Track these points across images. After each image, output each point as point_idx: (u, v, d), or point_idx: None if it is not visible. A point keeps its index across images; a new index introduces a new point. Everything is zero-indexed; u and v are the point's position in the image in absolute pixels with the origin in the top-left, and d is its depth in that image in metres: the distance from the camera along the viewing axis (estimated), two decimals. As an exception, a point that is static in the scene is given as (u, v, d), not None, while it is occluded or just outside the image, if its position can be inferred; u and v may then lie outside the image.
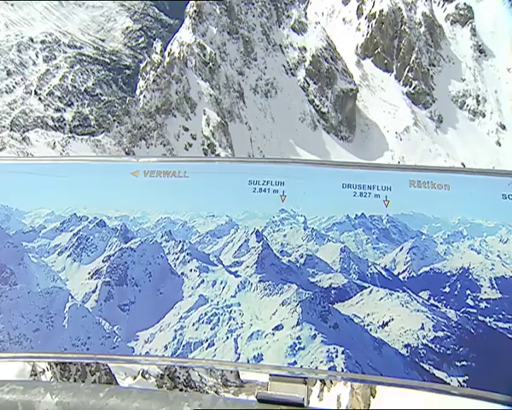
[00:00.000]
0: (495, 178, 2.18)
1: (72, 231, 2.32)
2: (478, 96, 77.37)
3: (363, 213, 2.18)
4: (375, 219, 2.18)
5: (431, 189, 2.16)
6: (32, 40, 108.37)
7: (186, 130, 50.68)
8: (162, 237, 2.25)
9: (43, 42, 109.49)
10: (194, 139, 50.38)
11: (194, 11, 59.72)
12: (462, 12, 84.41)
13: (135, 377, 15.59)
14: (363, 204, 2.18)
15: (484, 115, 76.09)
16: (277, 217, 2.21)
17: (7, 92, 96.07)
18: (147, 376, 15.73)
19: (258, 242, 2.18)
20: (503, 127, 74.66)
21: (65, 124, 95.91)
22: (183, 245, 2.22)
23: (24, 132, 41.10)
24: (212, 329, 2.08)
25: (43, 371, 11.81)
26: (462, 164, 64.96)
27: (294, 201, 2.21)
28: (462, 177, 2.23)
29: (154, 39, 69.84)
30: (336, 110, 66.54)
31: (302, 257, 2.16)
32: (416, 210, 2.17)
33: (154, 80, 51.07)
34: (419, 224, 2.17)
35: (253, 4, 68.60)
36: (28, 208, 2.35)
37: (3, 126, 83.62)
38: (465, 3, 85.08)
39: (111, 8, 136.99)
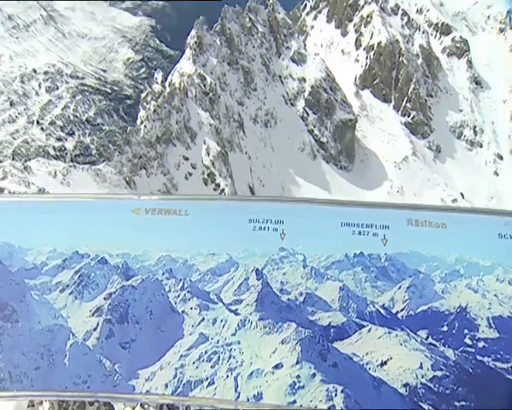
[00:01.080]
0: (490, 217, 2.20)
1: (73, 268, 2.34)
2: (475, 126, 77.67)
3: (361, 252, 2.20)
4: (373, 257, 2.20)
5: (428, 227, 2.19)
6: (35, 71, 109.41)
7: (186, 159, 50.80)
8: (163, 274, 2.27)
9: (46, 73, 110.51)
10: (195, 168, 50.49)
11: (195, 42, 60.25)
12: (458, 45, 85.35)
13: (134, 408, 15.36)
14: (362, 242, 2.20)
15: (481, 146, 76.25)
16: (277, 255, 2.24)
17: (9, 122, 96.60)
18: (146, 406, 15.51)
19: (258, 280, 2.20)
20: (501, 158, 74.75)
21: (66, 153, 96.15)
22: (183, 283, 2.24)
23: (25, 162, 41.14)
24: (212, 367, 2.08)
25: (41, 401, 11.64)
26: (461, 194, 64.93)
27: (294, 239, 2.23)
28: (458, 216, 2.25)
29: (155, 70, 70.39)
30: (335, 140, 66.78)
31: (301, 295, 2.18)
32: (414, 248, 2.19)
33: (154, 110, 51.38)
34: (417, 262, 2.20)
35: (253, 36, 69.27)
36: (31, 245, 2.37)
37: (5, 156, 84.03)
38: (461, 37, 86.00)
39: (113, 40, 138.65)
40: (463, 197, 64.64)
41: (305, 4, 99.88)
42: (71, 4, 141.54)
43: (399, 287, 1.97)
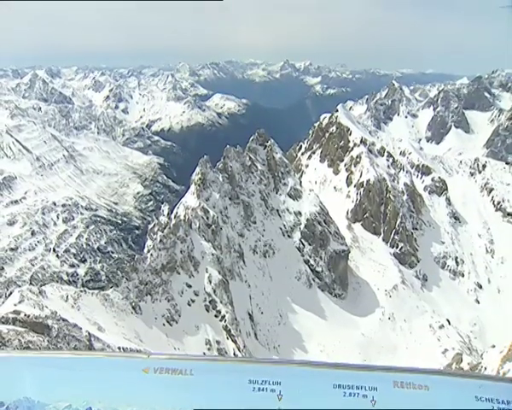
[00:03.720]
0: (467, 380, 2.26)
1: (87, 424, 2.35)
2: (456, 257, 78.96)
3: (352, 414, 2.23)
4: (364, 419, 2.22)
5: (412, 389, 2.24)
6: (54, 204, 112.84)
7: (189, 286, 50.67)
8: (168, 434, 2.27)
9: (64, 205, 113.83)
10: (197, 295, 50.19)
11: (199, 179, 62.26)
12: (437, 184, 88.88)
13: None
14: (353, 404, 2.24)
15: (463, 275, 77.14)
16: (275, 417, 2.26)
17: (29, 250, 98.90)
18: None
19: (256, 446, 2.21)
20: (480, 286, 75.53)
21: (78, 278, 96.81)
22: (187, 442, 2.23)
23: (41, 286, 41.23)
24: None
25: None
26: (448, 320, 64.20)
27: (290, 400, 2.27)
28: (439, 378, 2.31)
29: (162, 203, 72.25)
30: (330, 269, 67.00)
31: (297, 458, 2.17)
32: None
33: (160, 240, 52.05)
34: (404, 425, 2.22)
35: (253, 173, 71.72)
36: (49, 401, 2.40)
37: (24, 281, 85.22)
38: (439, 177, 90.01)
39: (125, 176, 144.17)
40: (450, 324, 63.99)
41: (301, 146, 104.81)
42: (89, 145, 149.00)
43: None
